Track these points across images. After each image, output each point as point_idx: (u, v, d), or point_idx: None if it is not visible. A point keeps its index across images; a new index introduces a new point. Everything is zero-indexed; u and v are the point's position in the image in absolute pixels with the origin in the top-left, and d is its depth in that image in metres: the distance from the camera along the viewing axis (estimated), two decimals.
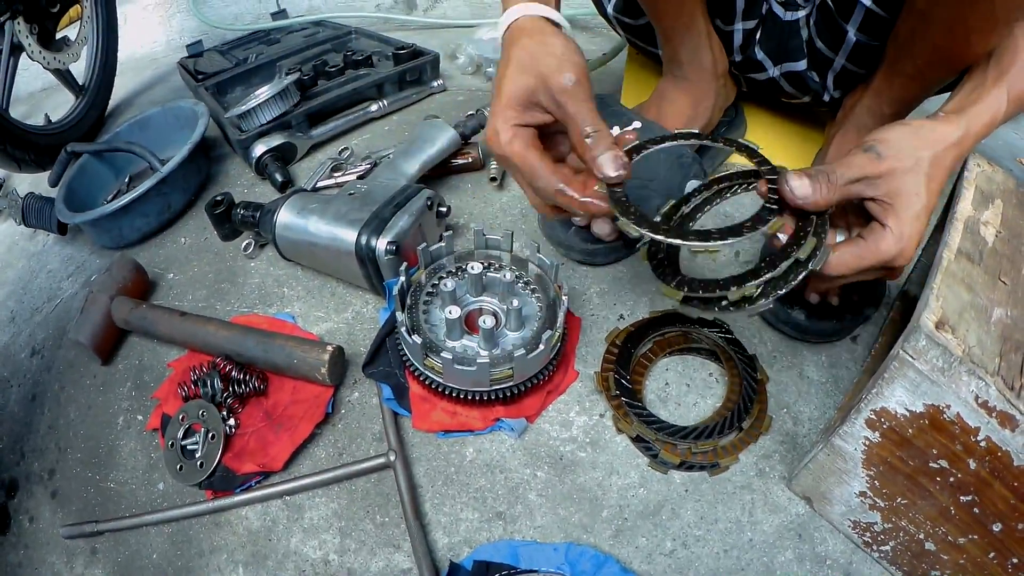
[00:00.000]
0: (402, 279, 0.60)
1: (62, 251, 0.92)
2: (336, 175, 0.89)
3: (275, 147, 0.90)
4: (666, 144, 0.53)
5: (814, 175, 0.45)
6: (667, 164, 0.70)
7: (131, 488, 0.62)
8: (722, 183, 0.53)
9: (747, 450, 0.57)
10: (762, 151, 0.50)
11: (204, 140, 0.90)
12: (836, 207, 0.47)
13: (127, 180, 0.96)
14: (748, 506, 0.54)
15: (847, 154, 0.69)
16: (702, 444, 0.56)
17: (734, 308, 0.45)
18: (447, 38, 1.26)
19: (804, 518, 0.53)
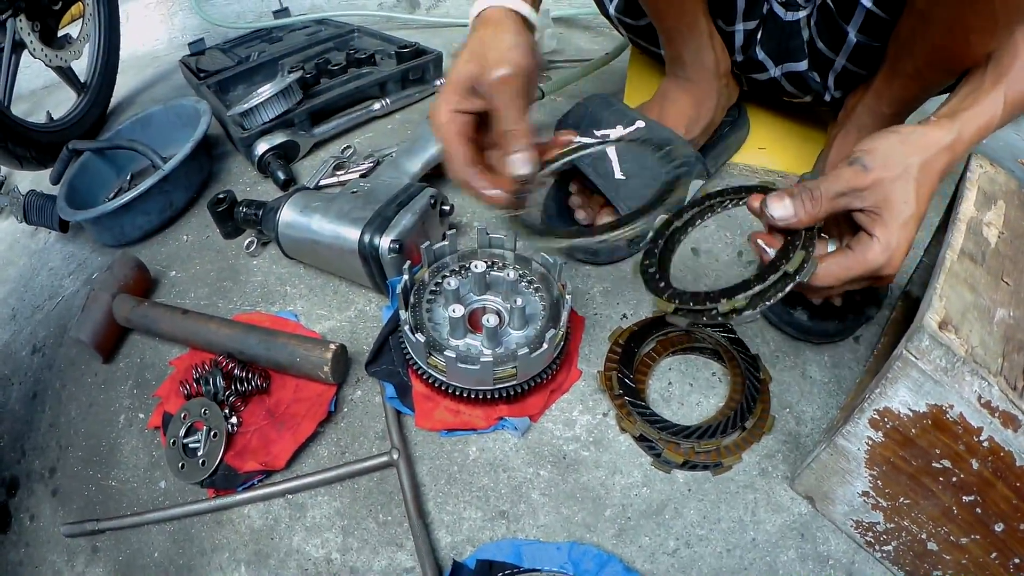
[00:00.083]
0: (405, 277, 0.60)
1: (63, 249, 0.92)
2: (339, 173, 0.89)
3: (277, 145, 0.90)
4: (595, 149, 0.56)
5: (796, 193, 0.46)
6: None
7: (132, 486, 0.62)
8: (714, 198, 0.54)
9: (750, 450, 0.57)
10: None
11: (206, 138, 0.90)
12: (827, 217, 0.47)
13: (129, 178, 0.96)
14: (751, 505, 0.54)
15: (834, 167, 0.69)
16: (705, 443, 0.56)
17: (722, 319, 0.46)
18: (450, 37, 1.26)
19: (807, 518, 0.53)
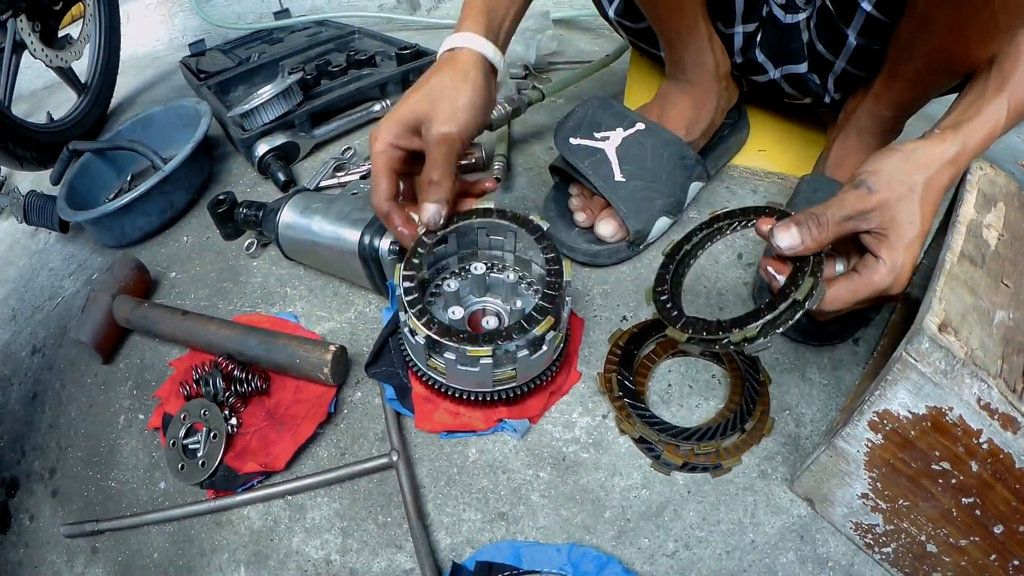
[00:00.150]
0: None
1: (64, 249, 0.92)
2: (339, 175, 0.89)
3: (278, 146, 0.90)
4: (496, 220, 0.59)
5: (802, 221, 0.46)
6: (670, 166, 0.70)
7: (132, 487, 0.62)
8: (722, 220, 0.54)
9: (749, 451, 0.57)
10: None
11: (206, 139, 0.90)
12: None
13: (129, 179, 0.96)
14: (750, 507, 0.54)
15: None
16: (704, 445, 0.56)
17: (734, 347, 0.47)
18: None
19: (806, 519, 0.53)
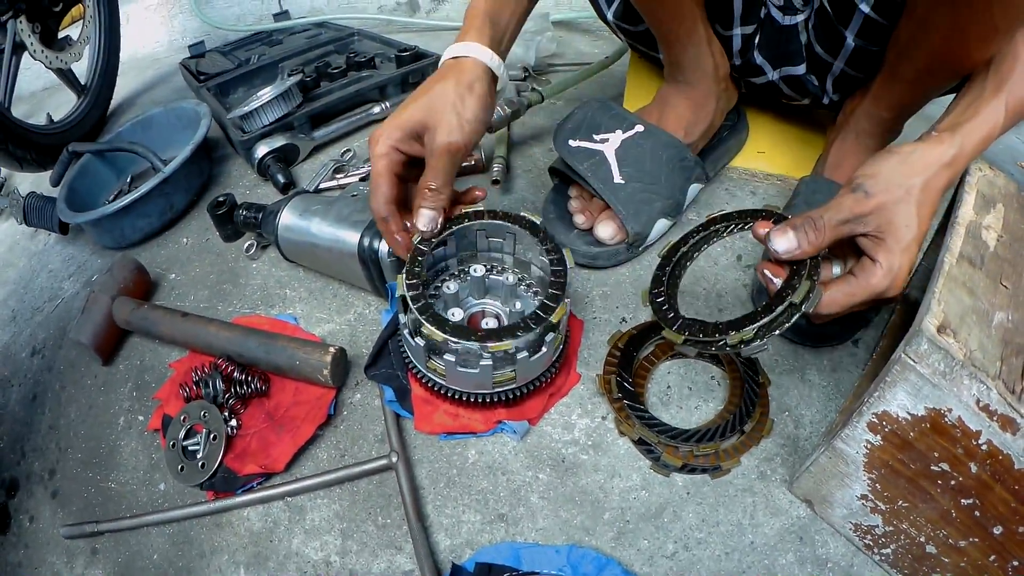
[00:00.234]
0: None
1: (63, 251, 0.92)
2: (338, 177, 0.89)
3: (277, 148, 0.90)
4: (490, 220, 0.59)
5: (799, 225, 0.46)
6: (669, 168, 0.71)
7: (132, 488, 0.62)
8: (719, 223, 0.54)
9: (749, 453, 0.57)
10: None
11: (206, 141, 0.90)
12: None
13: (129, 180, 0.96)
14: (749, 509, 0.54)
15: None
16: (704, 447, 0.56)
17: (731, 349, 0.47)
18: (449, 40, 1.25)
19: (805, 521, 0.53)
